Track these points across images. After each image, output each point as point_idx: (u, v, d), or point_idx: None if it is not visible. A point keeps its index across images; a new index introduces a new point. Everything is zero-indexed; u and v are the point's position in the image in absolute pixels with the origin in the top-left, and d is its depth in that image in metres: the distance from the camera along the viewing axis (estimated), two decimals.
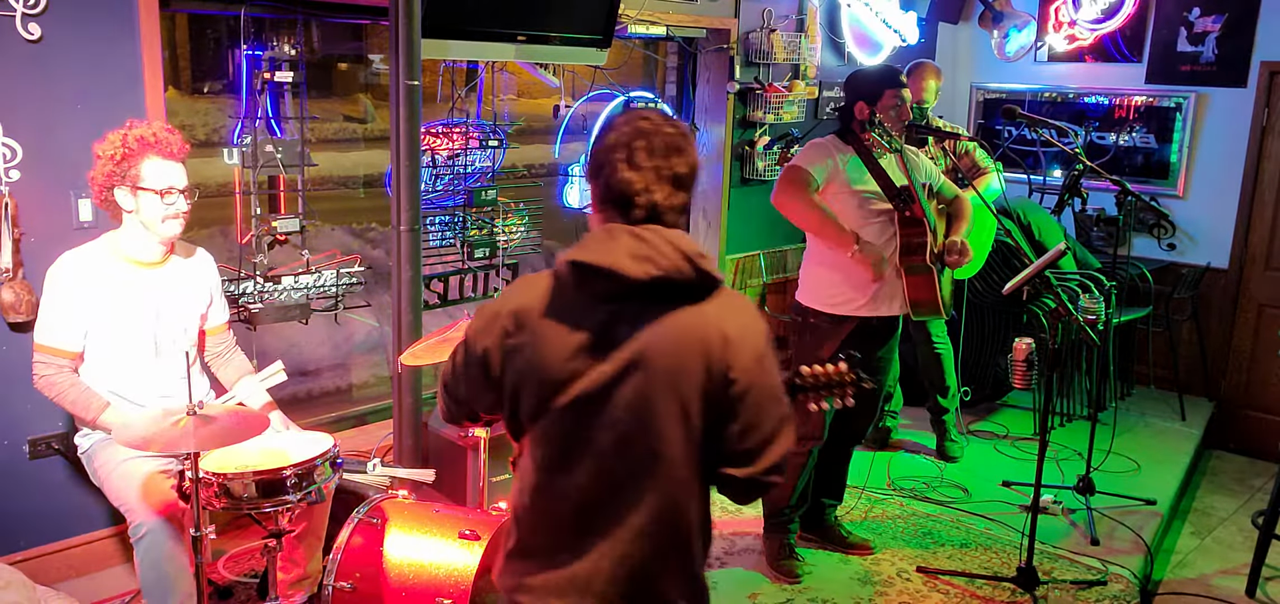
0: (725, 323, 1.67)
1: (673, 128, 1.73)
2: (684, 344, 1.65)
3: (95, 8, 3.25)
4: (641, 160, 1.68)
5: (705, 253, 1.70)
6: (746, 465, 1.70)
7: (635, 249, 1.63)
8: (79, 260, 2.88)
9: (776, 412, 1.72)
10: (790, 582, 3.69)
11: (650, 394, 1.65)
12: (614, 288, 1.64)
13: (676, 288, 1.66)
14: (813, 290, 3.59)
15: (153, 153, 2.86)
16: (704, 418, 1.68)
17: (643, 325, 1.65)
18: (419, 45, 3.32)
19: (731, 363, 1.65)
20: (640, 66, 5.60)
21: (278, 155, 3.65)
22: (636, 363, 1.65)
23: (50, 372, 2.87)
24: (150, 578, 2.80)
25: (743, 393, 1.67)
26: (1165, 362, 6.06)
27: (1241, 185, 5.79)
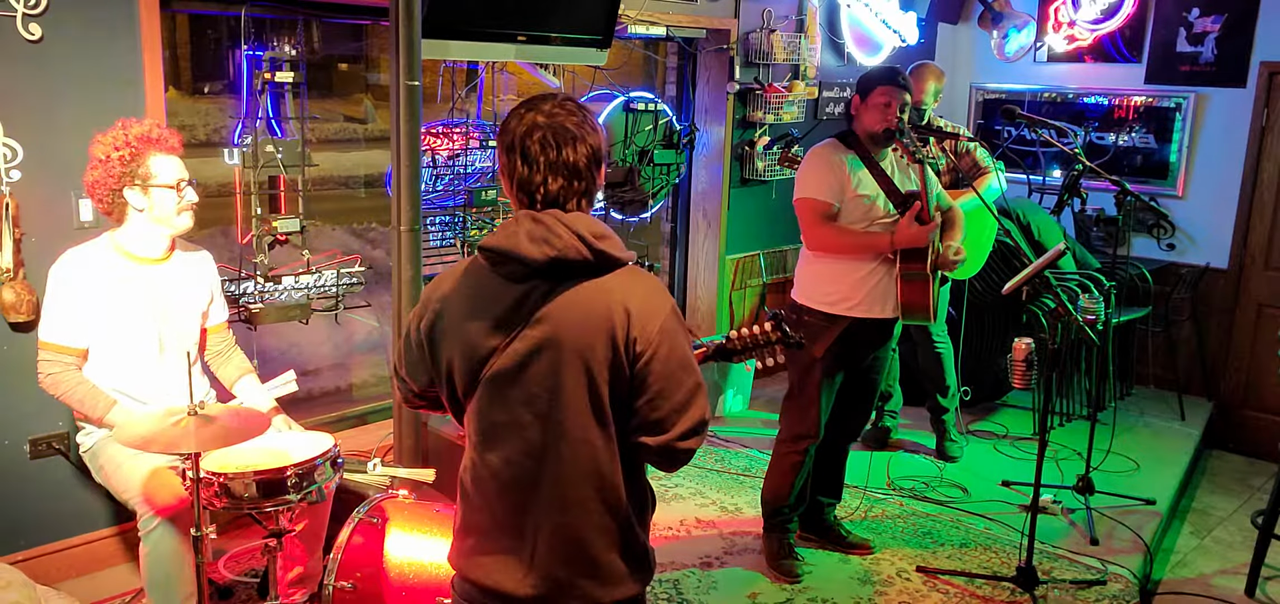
0: (629, 298, 1.75)
1: (569, 116, 1.78)
2: (588, 319, 1.74)
3: (95, 8, 3.25)
4: (535, 154, 1.76)
5: (607, 234, 1.78)
6: (659, 434, 1.77)
7: (533, 232, 1.74)
8: (82, 258, 2.89)
9: (687, 380, 1.78)
10: (790, 581, 3.69)
11: (559, 368, 1.74)
12: (518, 270, 1.75)
13: (575, 266, 1.74)
14: (808, 290, 3.60)
15: (156, 149, 2.88)
16: (612, 389, 1.76)
17: (547, 303, 1.75)
18: (419, 45, 3.32)
19: (635, 336, 1.73)
20: (640, 67, 5.60)
21: (278, 155, 3.66)
22: (545, 338, 1.75)
23: (56, 370, 2.87)
24: (157, 574, 2.81)
25: (648, 364, 1.74)
26: (1165, 361, 6.06)
27: (1241, 185, 5.79)
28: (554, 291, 1.75)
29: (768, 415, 5.28)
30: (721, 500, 4.39)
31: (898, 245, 3.41)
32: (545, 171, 1.76)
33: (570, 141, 1.76)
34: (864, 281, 3.48)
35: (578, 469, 1.78)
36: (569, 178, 1.77)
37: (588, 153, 1.79)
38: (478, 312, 1.79)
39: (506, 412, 1.79)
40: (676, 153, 5.36)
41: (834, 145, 3.55)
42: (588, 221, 1.77)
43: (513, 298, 1.76)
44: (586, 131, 1.79)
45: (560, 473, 1.78)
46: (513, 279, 1.76)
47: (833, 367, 3.56)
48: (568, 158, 1.76)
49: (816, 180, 3.48)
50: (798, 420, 3.64)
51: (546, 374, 1.75)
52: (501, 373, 1.78)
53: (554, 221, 1.74)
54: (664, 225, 5.86)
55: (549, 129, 1.76)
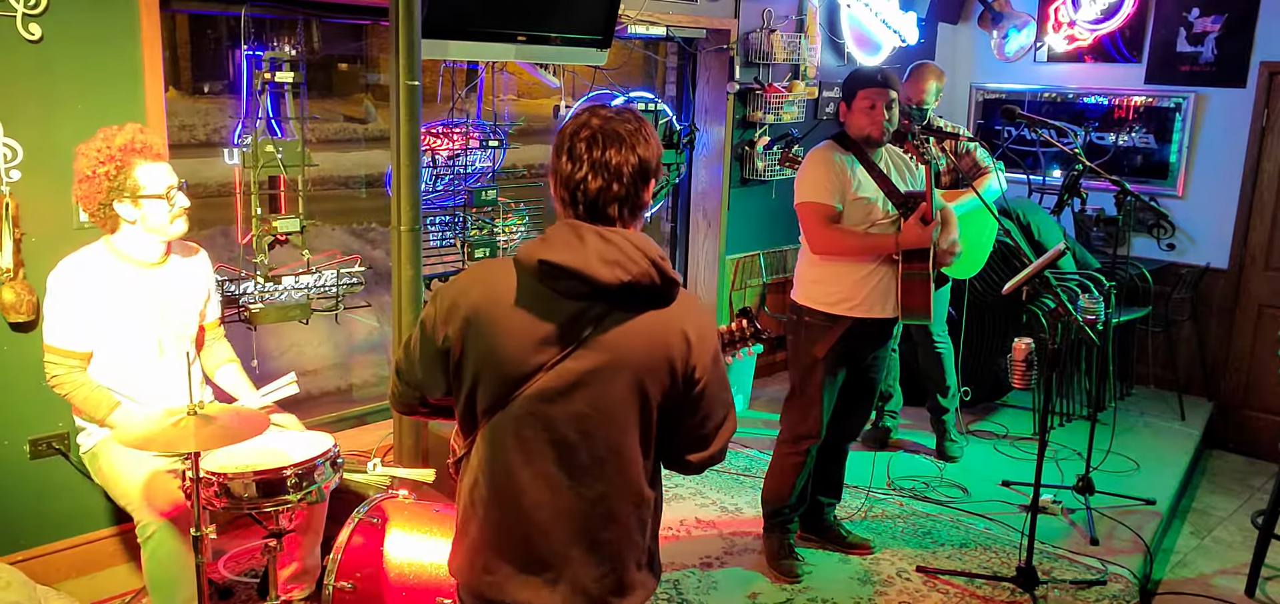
0: (687, 325, 1.75)
1: (623, 123, 1.76)
2: (651, 346, 1.73)
3: (95, 8, 3.25)
4: (581, 152, 1.73)
5: (666, 255, 1.78)
6: (702, 450, 1.85)
7: (605, 253, 1.68)
8: (80, 263, 2.89)
9: (726, 399, 1.86)
10: (790, 581, 3.69)
11: (614, 390, 1.73)
12: (582, 288, 1.69)
13: (643, 292, 1.71)
14: (808, 290, 3.60)
15: (141, 158, 2.85)
16: (662, 412, 1.79)
17: (609, 325, 1.71)
18: (419, 45, 3.32)
19: (695, 364, 1.76)
20: (640, 67, 5.60)
21: (278, 155, 3.66)
22: (604, 361, 1.71)
23: (60, 372, 2.88)
24: (158, 577, 2.81)
25: (703, 389, 1.79)
26: (1165, 361, 6.06)
27: (1241, 185, 5.79)
28: (614, 312, 1.70)
29: (768, 415, 5.28)
30: (721, 500, 4.39)
31: (903, 247, 3.41)
32: (587, 168, 1.71)
33: (617, 144, 1.72)
34: (864, 282, 3.48)
35: (623, 488, 1.78)
36: (609, 179, 1.72)
37: (635, 162, 1.73)
38: (525, 324, 1.71)
39: (548, 429, 1.73)
40: (676, 153, 5.36)
41: (833, 146, 3.55)
42: (653, 244, 1.74)
43: (567, 314, 1.70)
44: (638, 141, 1.74)
45: (605, 492, 1.77)
46: (570, 295, 1.70)
47: (834, 367, 3.56)
48: (611, 160, 1.72)
49: (818, 183, 3.47)
50: (799, 421, 3.64)
51: (598, 395, 1.72)
52: (547, 390, 1.71)
53: (623, 241, 1.69)
54: (664, 225, 5.86)
55: (600, 131, 1.73)
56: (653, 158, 1.77)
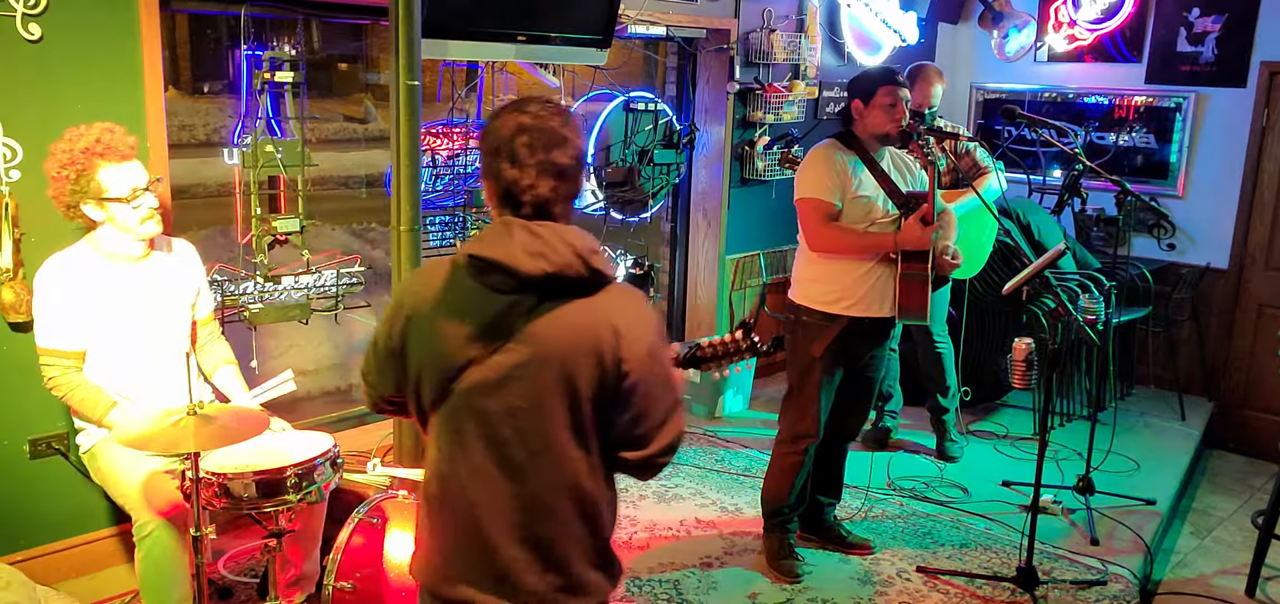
0: (615, 317, 1.73)
1: (553, 117, 1.77)
2: (577, 337, 1.72)
3: (95, 8, 3.25)
4: (524, 157, 1.73)
5: (598, 249, 1.77)
6: (639, 449, 1.80)
7: (530, 244, 1.70)
8: (63, 263, 2.89)
9: (667, 399, 1.80)
10: (790, 581, 3.69)
11: (544, 383, 1.72)
12: (509, 281, 1.71)
13: (569, 283, 1.72)
14: (805, 289, 3.61)
15: (103, 161, 2.82)
16: (595, 406, 1.75)
17: (537, 318, 1.72)
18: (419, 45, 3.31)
19: (623, 356, 1.73)
20: (640, 66, 5.60)
21: (278, 155, 3.65)
22: (531, 353, 1.72)
23: (55, 373, 2.88)
24: (153, 577, 2.81)
25: (634, 384, 1.74)
26: (1165, 361, 6.06)
27: (1241, 185, 5.79)
28: (542, 305, 1.72)
29: (768, 415, 5.27)
30: (721, 500, 4.39)
31: (901, 246, 3.41)
32: (536, 175, 1.73)
33: (558, 144, 1.74)
34: (861, 281, 3.48)
35: (558, 483, 1.76)
36: (558, 180, 1.74)
37: (574, 155, 1.77)
38: (457, 319, 1.74)
39: (483, 423, 1.76)
40: (676, 153, 5.36)
41: (834, 145, 3.54)
42: (583, 236, 1.75)
43: (497, 309, 1.72)
44: (570, 133, 1.77)
45: (540, 487, 1.76)
46: (499, 289, 1.72)
47: (831, 366, 3.56)
48: (557, 160, 1.74)
49: (818, 180, 3.47)
50: (797, 420, 3.64)
51: (530, 389, 1.72)
52: (481, 384, 1.74)
53: (551, 234, 1.71)
54: (664, 225, 5.86)
55: (536, 131, 1.73)
56: (583, 146, 1.81)
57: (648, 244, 5.76)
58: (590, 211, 5.20)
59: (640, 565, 3.79)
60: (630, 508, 4.27)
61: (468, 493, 1.78)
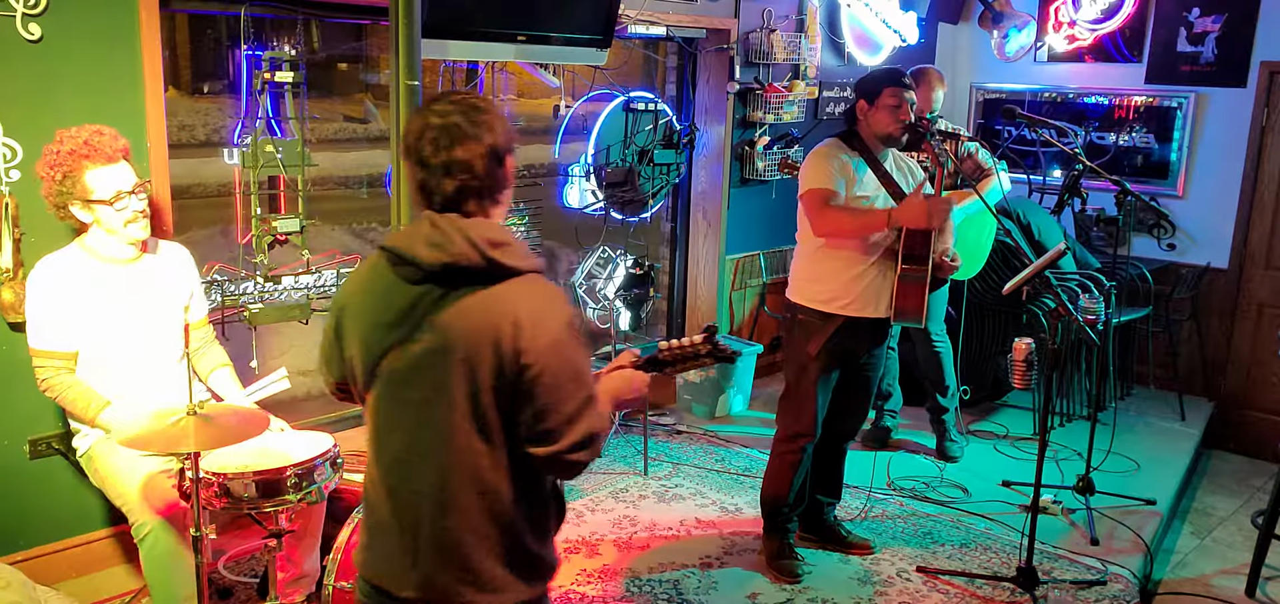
0: (518, 308, 1.72)
1: (463, 114, 1.76)
2: (476, 328, 1.72)
3: (95, 8, 3.25)
4: (428, 156, 1.76)
5: (507, 242, 1.75)
6: (547, 445, 1.76)
7: (430, 236, 1.74)
8: (54, 265, 2.89)
9: (577, 394, 1.75)
10: (790, 581, 3.69)
11: (446, 374, 1.73)
12: (415, 272, 1.75)
13: (467, 273, 1.73)
14: (801, 288, 3.61)
15: (90, 163, 2.82)
16: (496, 399, 1.74)
17: (442, 308, 1.74)
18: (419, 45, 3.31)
19: (522, 347, 1.71)
20: (640, 66, 5.60)
21: (278, 155, 3.65)
22: (435, 342, 1.74)
23: (47, 375, 2.89)
24: (156, 577, 2.81)
25: (536, 377, 1.72)
26: (1165, 362, 6.06)
27: (1241, 185, 5.79)
28: (447, 297, 1.74)
29: (767, 415, 5.27)
30: (721, 500, 4.39)
31: (896, 221, 3.37)
32: (439, 174, 1.75)
33: (462, 140, 1.75)
34: (857, 280, 3.48)
35: (460, 475, 1.76)
36: (465, 175, 1.76)
37: (484, 151, 1.76)
38: (375, 309, 1.80)
39: (398, 412, 1.80)
40: (676, 153, 5.36)
41: (837, 145, 3.55)
42: (486, 228, 1.75)
43: (408, 299, 1.76)
44: (481, 129, 1.76)
45: (444, 478, 1.77)
46: (409, 280, 1.76)
47: (828, 365, 3.56)
48: (460, 156, 1.75)
49: (820, 173, 3.47)
50: (794, 419, 3.64)
51: (434, 379, 1.74)
52: (395, 373, 1.78)
53: (449, 226, 1.73)
54: (664, 225, 5.86)
55: (441, 129, 1.75)
56: (500, 140, 1.79)
57: (648, 244, 5.76)
58: (590, 211, 5.20)
59: (640, 565, 3.79)
60: (630, 508, 4.27)
61: (387, 481, 1.84)
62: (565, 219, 5.34)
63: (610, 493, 4.42)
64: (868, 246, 3.47)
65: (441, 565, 1.78)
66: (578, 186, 5.17)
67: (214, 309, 3.62)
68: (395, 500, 1.82)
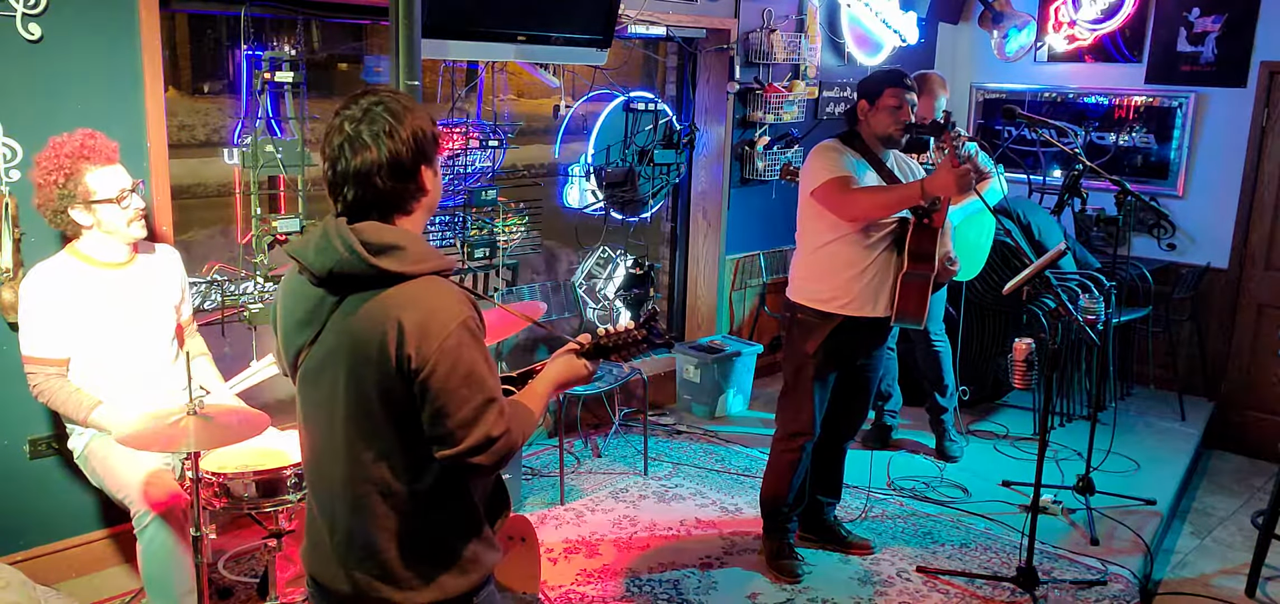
0: (405, 312, 1.70)
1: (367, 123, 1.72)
2: (365, 332, 1.72)
3: (95, 8, 3.25)
4: (331, 157, 1.75)
5: (396, 246, 1.72)
6: (446, 447, 1.73)
7: (319, 242, 1.74)
8: (47, 272, 2.89)
9: (473, 397, 1.72)
10: (790, 581, 3.69)
11: (339, 377, 1.76)
12: (313, 277, 1.76)
13: (354, 279, 1.72)
14: (800, 287, 3.61)
15: (90, 164, 2.84)
16: (387, 402, 1.73)
17: (340, 313, 1.76)
18: (419, 45, 3.32)
19: (410, 353, 1.69)
20: (640, 66, 5.60)
21: (278, 155, 3.65)
22: (332, 345, 1.76)
23: (39, 380, 2.90)
24: (155, 572, 2.81)
25: (426, 380, 1.69)
26: (1165, 362, 6.06)
27: (1241, 185, 5.79)
28: (343, 300, 1.75)
29: (768, 415, 5.26)
30: (721, 500, 4.39)
31: (929, 190, 3.31)
32: (339, 182, 1.74)
33: (361, 150, 1.71)
34: (856, 279, 3.48)
35: (359, 474, 1.77)
36: (362, 189, 1.73)
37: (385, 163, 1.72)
38: (292, 309, 1.83)
39: (310, 411, 1.84)
40: (676, 153, 5.36)
41: (837, 144, 3.54)
42: (377, 232, 1.72)
43: (313, 301, 1.78)
44: (386, 140, 1.71)
45: (348, 475, 1.78)
46: (313, 284, 1.78)
47: (826, 364, 3.56)
48: (357, 167, 1.72)
49: (829, 164, 3.44)
50: (792, 418, 3.64)
51: (332, 380, 1.76)
52: (306, 372, 1.83)
53: (335, 233, 1.71)
54: (664, 225, 5.86)
55: (344, 139, 1.72)
56: (408, 152, 1.73)
57: (648, 244, 5.76)
58: (590, 211, 5.20)
59: (640, 565, 3.79)
60: (630, 508, 4.27)
61: (309, 478, 1.89)
62: (565, 219, 5.34)
63: (610, 493, 4.42)
64: (868, 246, 3.47)
65: (357, 561, 1.81)
66: (578, 186, 5.17)
67: (214, 309, 3.62)
68: (316, 498, 1.87)
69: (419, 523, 1.80)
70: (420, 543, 1.81)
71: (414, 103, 1.81)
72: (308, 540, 1.92)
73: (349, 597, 1.82)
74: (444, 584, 1.83)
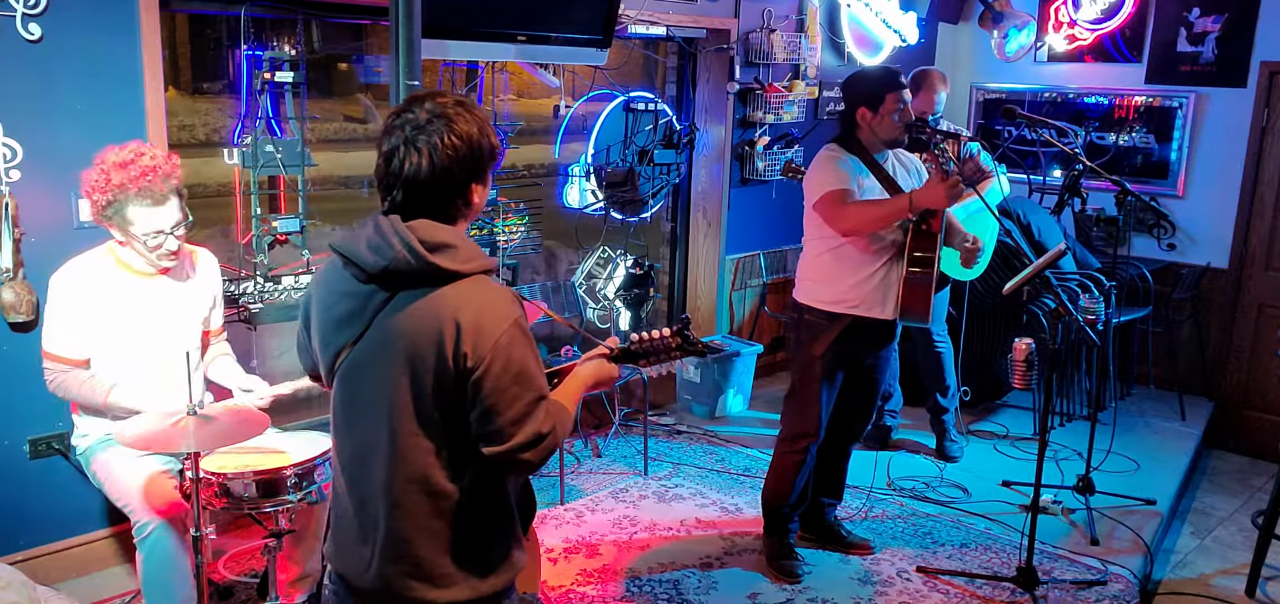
0: (461, 311, 1.72)
1: (426, 135, 1.73)
2: (420, 329, 1.73)
3: (95, 8, 3.25)
4: (386, 159, 1.76)
5: (449, 244, 1.74)
6: (495, 444, 1.75)
7: (371, 239, 1.75)
8: (82, 269, 2.87)
9: (524, 395, 1.75)
10: (790, 581, 3.69)
11: (392, 373, 1.76)
12: (362, 273, 1.77)
13: (408, 276, 1.73)
14: (808, 289, 3.61)
15: (137, 199, 2.77)
16: (440, 399, 1.75)
17: (390, 310, 1.76)
18: (419, 45, 3.32)
19: (466, 350, 1.71)
20: (640, 67, 5.60)
21: (278, 155, 3.65)
22: (381, 343, 1.77)
23: (56, 376, 2.88)
24: (154, 578, 2.80)
25: (480, 378, 1.72)
26: (1165, 362, 6.06)
27: (1241, 185, 5.79)
28: (392, 297, 1.76)
29: (768, 415, 5.27)
30: (722, 500, 4.39)
31: (918, 203, 3.35)
32: (392, 180, 1.76)
33: (416, 157, 1.73)
34: (865, 282, 3.48)
35: (405, 471, 1.78)
36: (413, 192, 1.75)
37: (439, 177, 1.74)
38: (332, 306, 1.83)
39: (352, 408, 1.83)
40: (676, 153, 5.36)
41: (837, 150, 3.54)
42: (430, 231, 1.74)
43: (358, 299, 1.78)
44: (437, 152, 1.73)
45: (390, 473, 1.79)
46: (358, 279, 1.78)
47: (833, 366, 3.56)
48: (409, 173, 1.74)
49: (829, 177, 3.46)
50: (797, 420, 3.64)
51: (381, 378, 1.76)
52: (348, 369, 1.82)
53: (389, 229, 1.73)
54: (664, 225, 5.86)
55: (405, 142, 1.74)
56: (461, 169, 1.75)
57: (648, 244, 5.76)
58: (590, 211, 5.20)
59: (640, 565, 3.79)
60: (630, 508, 4.27)
61: (346, 474, 1.87)
62: (565, 219, 5.34)
63: (610, 493, 4.42)
64: (875, 249, 3.48)
65: (392, 559, 1.81)
66: (578, 186, 5.17)
67: None
68: (353, 494, 1.86)
69: (458, 522, 1.81)
70: (458, 541, 1.82)
71: (477, 114, 1.80)
72: (336, 537, 1.91)
73: (379, 594, 1.82)
74: (478, 583, 1.84)
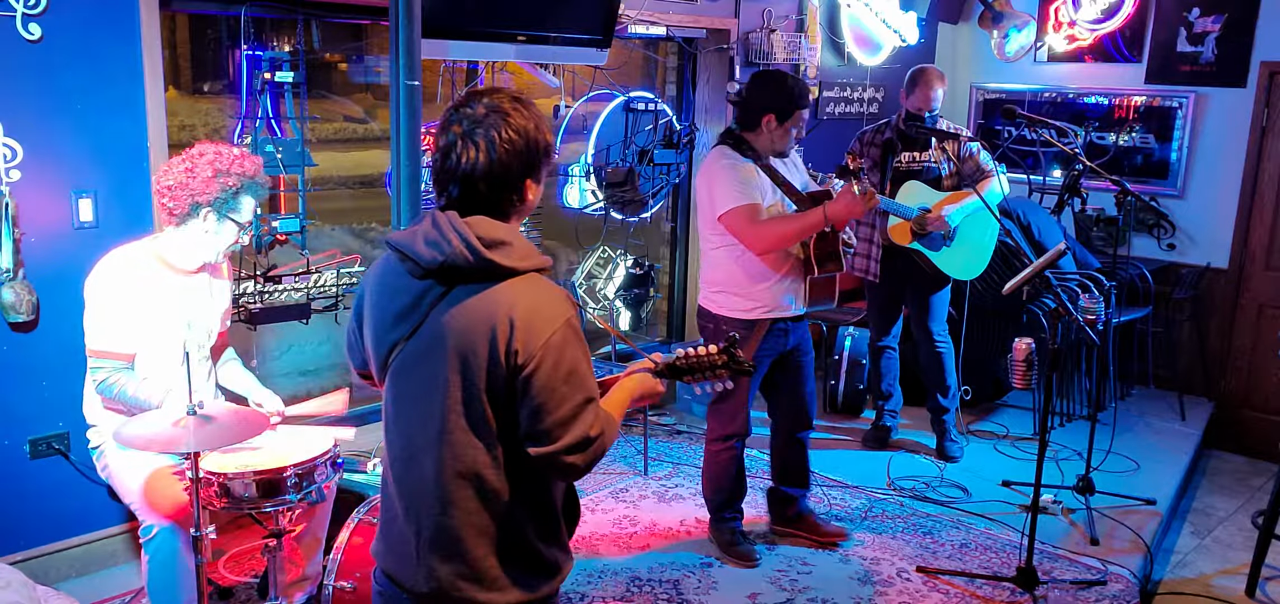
0: (515, 308, 1.72)
1: (484, 130, 1.74)
2: (472, 325, 1.73)
3: (95, 8, 3.25)
4: (443, 154, 1.77)
5: (505, 241, 1.74)
6: (542, 444, 1.74)
7: (428, 234, 1.75)
8: (126, 263, 2.85)
9: (573, 396, 1.74)
10: (748, 565, 3.77)
11: (444, 369, 1.75)
12: (418, 268, 1.77)
13: (463, 272, 1.74)
14: (720, 301, 3.63)
15: (249, 193, 2.90)
16: (492, 397, 1.74)
17: (445, 305, 1.76)
18: (419, 45, 3.32)
19: (518, 347, 1.71)
20: (640, 66, 5.60)
21: (278, 155, 3.65)
22: (434, 338, 1.76)
23: (106, 375, 2.81)
24: (158, 579, 2.80)
25: (531, 376, 1.71)
26: (1165, 362, 6.06)
27: (1241, 185, 5.79)
28: (447, 293, 1.76)
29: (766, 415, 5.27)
30: None
31: (831, 217, 3.44)
32: (447, 176, 1.77)
33: (473, 152, 1.74)
34: (774, 287, 3.57)
35: (456, 469, 1.77)
36: (468, 188, 1.76)
37: (496, 172, 1.75)
38: (386, 302, 1.83)
39: (403, 405, 1.83)
40: (676, 153, 5.35)
41: (729, 153, 3.54)
42: (486, 227, 1.74)
43: (413, 295, 1.78)
44: (495, 148, 1.74)
45: (441, 471, 1.78)
46: (414, 275, 1.78)
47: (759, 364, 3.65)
48: (466, 169, 1.75)
49: (736, 188, 3.47)
50: (728, 421, 3.75)
51: (434, 374, 1.76)
52: (401, 365, 1.81)
53: (447, 225, 1.73)
54: (664, 225, 5.85)
55: (462, 137, 1.75)
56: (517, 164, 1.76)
57: (648, 244, 5.76)
58: (590, 211, 5.20)
59: (640, 565, 3.79)
60: (630, 508, 4.27)
61: (395, 472, 1.86)
62: (565, 219, 5.34)
63: (610, 493, 4.42)
64: (782, 254, 3.54)
65: (443, 559, 1.79)
66: (578, 186, 5.17)
67: None
68: (402, 493, 1.84)
69: (508, 522, 1.80)
70: (508, 543, 1.81)
71: (533, 112, 1.80)
72: (385, 537, 1.90)
73: (429, 596, 1.81)
74: (523, 587, 1.83)
